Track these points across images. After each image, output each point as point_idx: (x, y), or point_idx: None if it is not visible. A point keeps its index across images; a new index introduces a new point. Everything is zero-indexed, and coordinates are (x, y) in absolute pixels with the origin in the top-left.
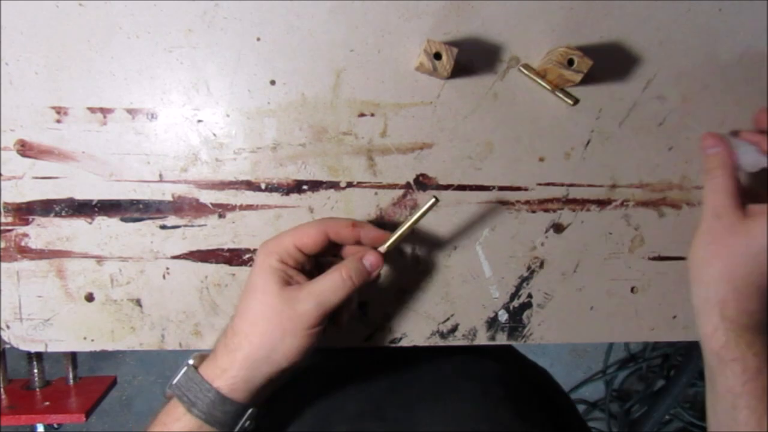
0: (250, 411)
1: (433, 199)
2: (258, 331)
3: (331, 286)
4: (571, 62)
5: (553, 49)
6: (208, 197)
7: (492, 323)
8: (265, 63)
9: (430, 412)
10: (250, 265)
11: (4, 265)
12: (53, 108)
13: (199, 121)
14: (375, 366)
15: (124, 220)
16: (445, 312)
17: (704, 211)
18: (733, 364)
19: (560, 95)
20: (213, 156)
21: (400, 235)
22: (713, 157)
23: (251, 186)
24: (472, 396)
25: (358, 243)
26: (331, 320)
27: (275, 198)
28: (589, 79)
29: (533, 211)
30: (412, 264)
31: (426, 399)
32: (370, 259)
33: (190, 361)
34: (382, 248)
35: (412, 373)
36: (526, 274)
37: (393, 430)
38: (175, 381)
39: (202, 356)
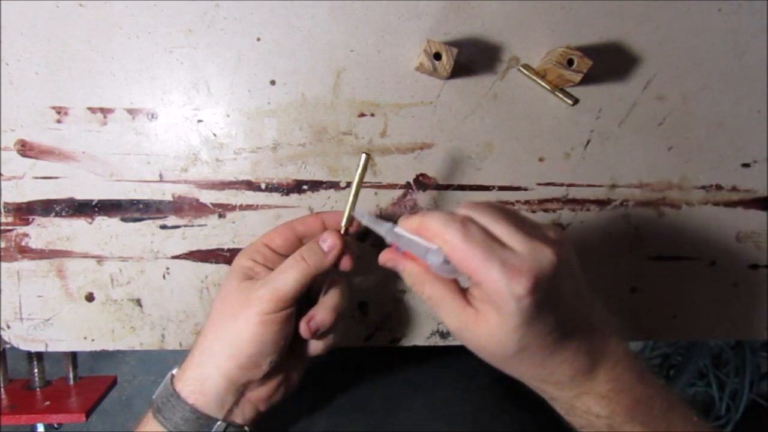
0: (218, 424)
1: (364, 156)
2: (222, 328)
3: (284, 268)
4: (570, 62)
5: (552, 49)
6: (208, 197)
7: None
8: (265, 63)
9: (412, 401)
10: None
11: (4, 265)
12: (53, 108)
13: (200, 121)
14: (358, 364)
15: (124, 220)
16: None
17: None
18: (583, 430)
19: (560, 95)
20: (213, 156)
21: (350, 209)
22: (405, 275)
23: (251, 186)
24: (454, 384)
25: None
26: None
27: (275, 198)
28: (589, 79)
29: (533, 211)
30: None
31: (408, 390)
32: (327, 239)
33: (174, 371)
34: (341, 228)
35: (394, 369)
36: None
37: (374, 421)
38: (156, 393)
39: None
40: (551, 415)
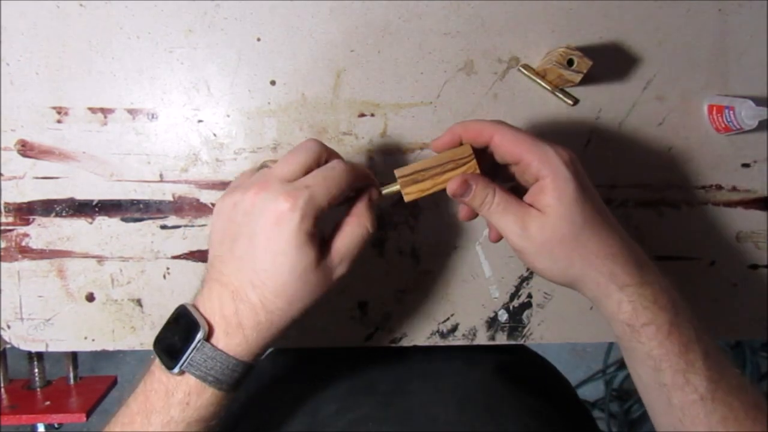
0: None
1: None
2: (298, 307)
3: (361, 244)
4: (570, 62)
5: (552, 50)
6: (208, 197)
7: (492, 323)
8: (265, 63)
9: (420, 385)
10: None
11: (4, 265)
12: (54, 108)
13: (200, 121)
14: (363, 350)
15: (124, 220)
16: (445, 312)
17: (507, 239)
18: (645, 329)
19: (560, 95)
20: (213, 156)
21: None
22: (479, 188)
23: None
24: (461, 370)
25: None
26: None
27: None
28: (588, 79)
29: None
30: (412, 264)
31: (416, 376)
32: (374, 196)
33: (200, 335)
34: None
35: (400, 356)
36: (526, 274)
37: (384, 403)
38: (186, 359)
39: (209, 324)
40: (555, 401)
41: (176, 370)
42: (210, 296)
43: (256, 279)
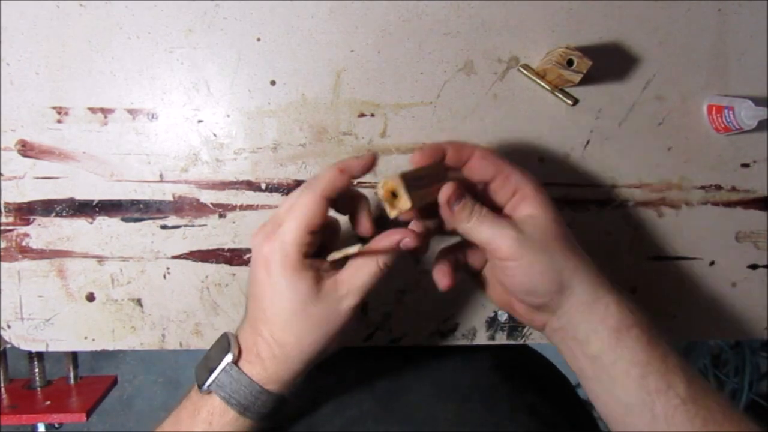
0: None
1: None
2: (310, 340)
3: (370, 279)
4: (570, 62)
5: (552, 50)
6: (208, 197)
7: (492, 323)
8: (265, 63)
9: (418, 383)
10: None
11: (5, 264)
12: (54, 108)
13: (200, 121)
14: (365, 351)
15: (124, 220)
16: (445, 312)
17: (491, 254)
18: (631, 332)
19: (560, 95)
20: (213, 156)
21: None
22: (467, 206)
23: (252, 186)
24: (459, 367)
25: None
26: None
27: (275, 198)
28: (588, 79)
29: None
30: (412, 264)
31: (414, 372)
32: (408, 243)
33: (229, 358)
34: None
35: (398, 352)
36: None
37: (382, 402)
38: (213, 379)
39: (239, 351)
40: (555, 398)
41: (204, 388)
42: (243, 327)
43: (263, 316)
